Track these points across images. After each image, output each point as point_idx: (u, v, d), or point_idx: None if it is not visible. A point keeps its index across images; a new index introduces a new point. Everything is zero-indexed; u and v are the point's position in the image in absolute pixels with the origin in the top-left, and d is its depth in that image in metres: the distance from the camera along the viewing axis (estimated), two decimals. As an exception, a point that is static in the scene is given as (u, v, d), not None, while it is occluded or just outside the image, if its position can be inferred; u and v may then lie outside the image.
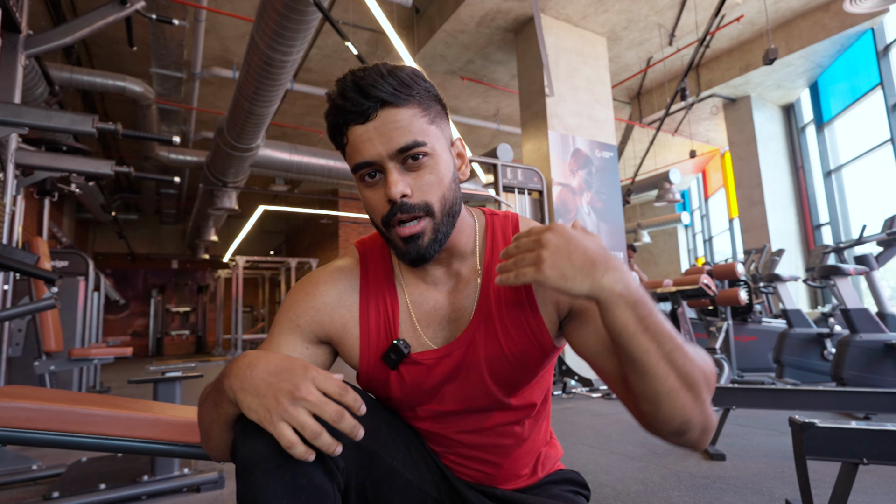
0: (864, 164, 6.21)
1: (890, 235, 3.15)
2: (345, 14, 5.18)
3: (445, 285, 0.72)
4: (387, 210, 0.62)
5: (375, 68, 0.62)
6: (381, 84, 0.60)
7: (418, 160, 0.62)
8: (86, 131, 2.27)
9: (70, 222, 10.12)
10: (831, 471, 1.28)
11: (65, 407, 0.97)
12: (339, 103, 0.62)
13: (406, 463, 0.68)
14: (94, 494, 1.62)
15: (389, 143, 0.60)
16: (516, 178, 4.55)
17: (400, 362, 0.68)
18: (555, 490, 0.76)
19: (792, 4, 5.58)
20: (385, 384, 0.70)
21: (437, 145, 0.64)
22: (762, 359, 4.42)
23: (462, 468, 0.74)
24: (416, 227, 0.62)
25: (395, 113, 0.61)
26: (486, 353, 0.67)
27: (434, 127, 0.64)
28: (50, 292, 2.11)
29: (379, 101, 0.60)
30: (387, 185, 0.61)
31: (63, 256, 4.28)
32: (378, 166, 0.62)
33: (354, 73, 0.62)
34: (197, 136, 7.40)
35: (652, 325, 0.54)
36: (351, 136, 0.62)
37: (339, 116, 0.62)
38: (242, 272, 10.40)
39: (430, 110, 0.64)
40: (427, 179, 0.63)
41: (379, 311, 0.70)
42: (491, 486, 0.74)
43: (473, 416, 0.71)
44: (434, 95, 0.66)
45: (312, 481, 0.54)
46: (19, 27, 2.92)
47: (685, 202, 10.98)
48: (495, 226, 0.74)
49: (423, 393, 0.70)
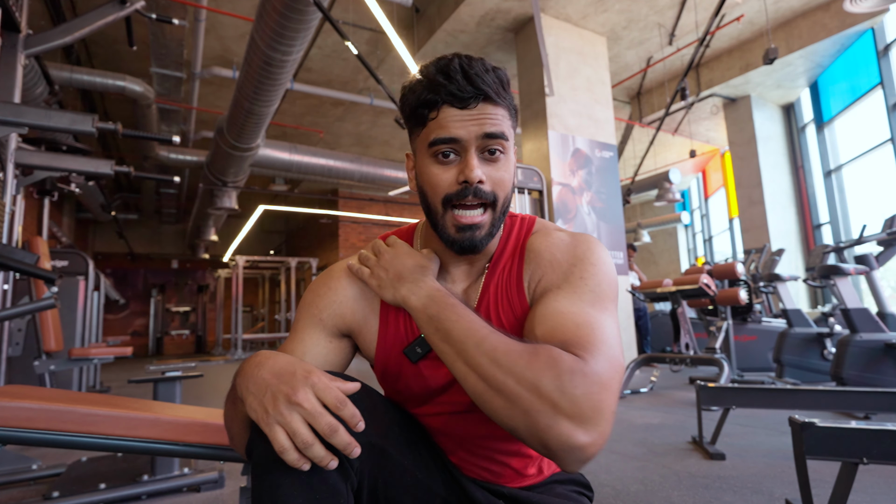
0: (864, 164, 6.21)
1: (890, 235, 3.15)
2: (345, 14, 5.18)
3: (463, 283, 0.74)
4: (455, 190, 0.64)
5: (481, 61, 0.64)
6: (487, 78, 0.63)
7: (495, 154, 0.64)
8: (85, 131, 2.27)
9: (70, 222, 10.11)
10: (831, 470, 1.28)
11: (65, 406, 0.97)
12: (440, 81, 0.63)
13: (417, 462, 0.68)
14: (94, 494, 1.62)
15: (481, 127, 0.63)
16: (516, 178, 4.55)
17: (423, 357, 0.70)
18: (559, 489, 0.77)
19: (792, 4, 5.58)
20: (399, 377, 0.72)
21: (510, 147, 0.67)
22: (762, 358, 4.42)
23: (470, 465, 0.74)
24: (479, 217, 0.65)
25: (491, 108, 0.64)
26: None
27: (512, 132, 0.68)
28: (50, 292, 2.11)
29: (482, 94, 0.63)
30: (467, 166, 0.63)
31: (63, 256, 4.28)
32: (460, 146, 0.63)
33: (462, 59, 0.64)
34: (197, 136, 7.40)
35: (444, 330, 0.59)
36: (442, 113, 0.63)
37: (437, 94, 0.63)
38: (242, 272, 10.40)
39: (513, 118, 0.68)
40: (500, 174, 0.65)
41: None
42: (498, 484, 0.75)
43: (479, 414, 0.70)
44: (515, 106, 0.69)
45: (327, 481, 0.54)
46: (19, 27, 2.92)
47: (685, 202, 10.98)
48: (513, 228, 0.75)
49: (437, 388, 0.71)
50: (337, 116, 7.62)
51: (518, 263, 0.71)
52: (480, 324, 0.58)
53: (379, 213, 10.50)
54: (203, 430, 1.05)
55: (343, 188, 9.98)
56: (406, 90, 0.67)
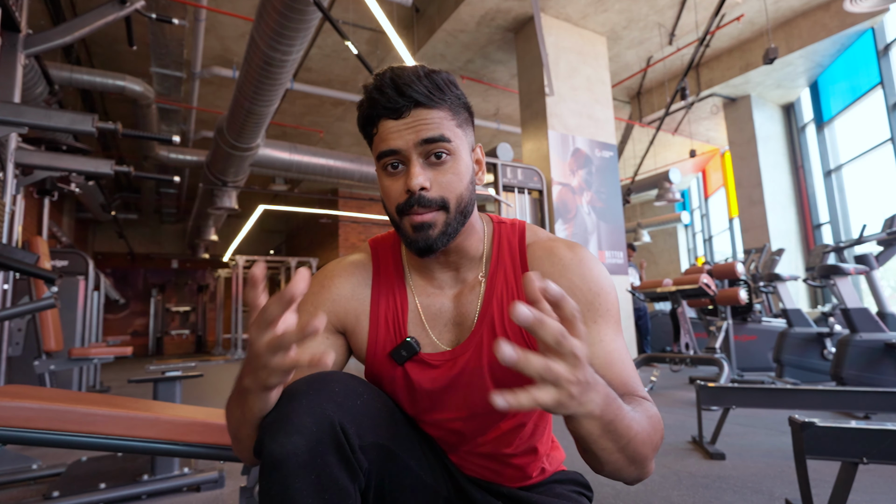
0: (864, 164, 6.21)
1: (890, 235, 3.15)
2: (345, 13, 5.18)
3: (452, 289, 0.74)
4: (403, 200, 0.65)
5: (414, 69, 0.65)
6: (417, 85, 0.64)
7: (441, 158, 0.65)
8: (85, 131, 2.27)
9: (70, 222, 10.11)
10: (831, 470, 1.28)
11: (65, 406, 0.97)
12: (375, 97, 0.65)
13: (421, 462, 0.69)
14: (94, 494, 1.62)
15: (417, 135, 0.64)
16: (516, 178, 4.55)
17: (409, 359, 0.70)
18: (559, 489, 0.77)
19: (792, 4, 5.58)
20: (390, 381, 0.72)
21: (460, 147, 0.67)
22: (762, 358, 4.42)
23: (471, 465, 0.75)
24: (428, 215, 0.65)
25: (425, 112, 0.64)
26: (490, 359, 0.68)
27: (460, 130, 0.67)
28: (50, 292, 2.11)
29: (413, 101, 0.64)
30: (408, 175, 0.64)
31: (63, 256, 4.28)
32: (402, 157, 0.65)
33: (393, 71, 0.65)
34: (197, 136, 7.39)
35: (614, 431, 0.50)
36: (381, 127, 0.65)
37: (374, 109, 0.65)
38: (242, 272, 10.40)
39: (458, 116, 0.68)
40: (447, 177, 0.65)
41: (389, 307, 0.73)
42: (498, 483, 0.75)
43: (478, 423, 0.72)
44: (463, 103, 0.69)
45: (337, 481, 0.54)
46: (19, 26, 2.92)
47: (685, 202, 10.98)
48: (502, 234, 0.75)
49: (426, 395, 0.71)
50: (337, 116, 7.62)
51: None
52: (630, 412, 0.53)
53: (379, 213, 10.49)
54: (203, 430, 1.05)
55: (343, 188, 9.98)
56: (357, 107, 0.69)
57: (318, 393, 0.57)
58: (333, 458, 0.55)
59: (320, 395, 0.57)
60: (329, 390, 0.58)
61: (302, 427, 0.54)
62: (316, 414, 0.55)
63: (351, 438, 0.56)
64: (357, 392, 0.61)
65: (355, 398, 0.60)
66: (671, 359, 3.74)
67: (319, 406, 0.56)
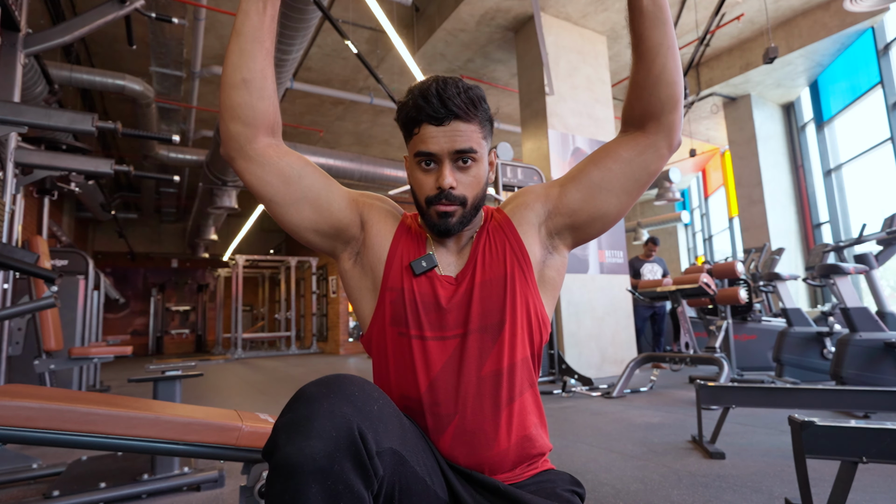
0: (864, 163, 6.21)
1: (890, 234, 3.16)
2: (344, 13, 5.17)
3: (455, 251, 0.89)
4: (434, 193, 0.80)
5: (455, 84, 0.79)
6: (457, 100, 0.78)
7: (467, 164, 0.80)
8: (85, 130, 2.27)
9: (70, 221, 10.11)
10: (831, 469, 1.28)
11: (65, 406, 0.97)
12: (420, 104, 0.78)
13: (426, 468, 0.70)
14: (94, 493, 1.62)
15: (452, 144, 0.78)
16: (516, 177, 4.55)
17: (428, 271, 0.83)
18: (550, 487, 0.78)
19: (792, 3, 5.58)
20: (401, 294, 0.81)
21: (482, 155, 0.83)
22: (762, 357, 4.43)
23: (459, 445, 0.75)
24: (451, 207, 0.80)
25: (462, 125, 0.79)
26: (481, 278, 0.83)
27: (484, 141, 0.83)
28: (50, 291, 2.11)
29: (453, 114, 0.78)
30: (441, 175, 0.79)
31: (63, 255, 4.28)
32: (437, 158, 0.79)
33: (438, 83, 0.79)
34: (196, 135, 7.39)
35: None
36: (423, 130, 0.79)
37: (419, 113, 0.79)
38: (242, 271, 10.40)
39: (484, 128, 0.83)
40: (470, 179, 0.81)
41: (409, 243, 0.86)
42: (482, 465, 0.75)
43: (473, 345, 0.79)
44: (489, 117, 0.86)
45: (352, 488, 0.54)
46: (18, 26, 2.92)
47: (685, 201, 10.98)
48: (491, 217, 0.92)
49: (433, 309, 0.81)
50: (337, 115, 7.62)
51: (508, 228, 0.86)
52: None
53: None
54: (203, 430, 1.05)
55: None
56: (400, 106, 0.83)
57: (337, 396, 0.57)
58: (350, 464, 0.54)
59: (339, 399, 0.57)
60: (347, 393, 0.58)
61: (322, 431, 0.54)
62: (335, 418, 0.55)
63: (369, 444, 0.56)
64: (373, 397, 0.62)
65: (372, 403, 0.61)
66: (671, 358, 3.74)
67: (339, 409, 0.56)
